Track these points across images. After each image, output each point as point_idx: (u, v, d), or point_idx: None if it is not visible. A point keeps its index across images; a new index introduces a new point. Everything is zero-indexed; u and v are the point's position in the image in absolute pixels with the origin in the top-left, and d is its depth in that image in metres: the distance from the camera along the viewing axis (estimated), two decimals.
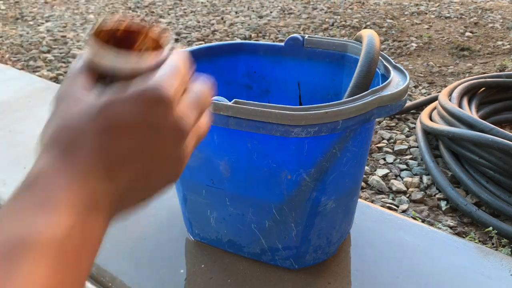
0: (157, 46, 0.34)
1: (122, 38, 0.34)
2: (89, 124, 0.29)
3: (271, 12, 3.24)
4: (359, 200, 0.93)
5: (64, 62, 2.25)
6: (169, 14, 3.20)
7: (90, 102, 0.30)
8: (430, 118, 1.50)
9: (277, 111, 0.59)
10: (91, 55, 0.32)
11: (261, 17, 3.12)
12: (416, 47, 2.46)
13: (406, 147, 1.48)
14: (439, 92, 1.81)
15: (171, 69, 0.32)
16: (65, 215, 0.25)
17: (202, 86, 0.35)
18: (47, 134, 0.30)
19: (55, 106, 0.32)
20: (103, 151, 0.28)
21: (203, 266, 0.82)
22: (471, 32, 2.68)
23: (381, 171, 1.34)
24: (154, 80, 0.30)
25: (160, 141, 0.30)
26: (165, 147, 0.31)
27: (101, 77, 0.32)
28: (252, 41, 1.45)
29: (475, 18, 2.96)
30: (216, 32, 2.75)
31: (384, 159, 1.42)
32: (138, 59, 0.32)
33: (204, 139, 0.72)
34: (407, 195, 1.25)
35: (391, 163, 1.40)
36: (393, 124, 1.65)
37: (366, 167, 1.36)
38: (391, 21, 2.94)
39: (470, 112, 1.42)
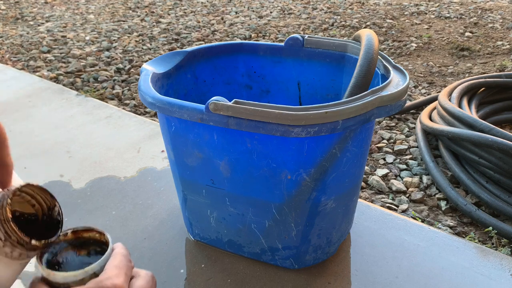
0: (100, 242, 0.43)
1: (72, 241, 0.43)
2: None
3: (271, 12, 3.24)
4: (359, 200, 0.93)
5: (64, 62, 2.25)
6: (169, 14, 3.20)
7: None
8: (430, 118, 1.50)
9: (277, 111, 0.59)
10: (45, 275, 0.39)
11: (261, 17, 3.12)
12: (416, 47, 2.46)
13: (406, 147, 1.48)
14: (439, 92, 1.81)
15: (117, 264, 0.38)
16: None
17: (146, 275, 0.41)
18: None
19: None
20: None
21: (203, 266, 0.82)
22: (471, 32, 2.68)
23: (381, 171, 1.34)
24: (106, 274, 0.37)
25: None
26: None
27: (57, 286, 0.39)
28: (252, 41, 1.45)
29: (475, 18, 2.96)
30: (216, 32, 2.75)
31: (384, 159, 1.42)
32: (85, 270, 0.38)
33: (204, 139, 0.72)
34: (407, 195, 1.25)
35: (391, 163, 1.40)
36: (393, 124, 1.65)
37: (366, 167, 1.36)
38: (391, 21, 2.94)
39: (470, 112, 1.42)
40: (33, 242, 0.40)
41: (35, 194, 0.43)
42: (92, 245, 0.43)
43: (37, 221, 0.44)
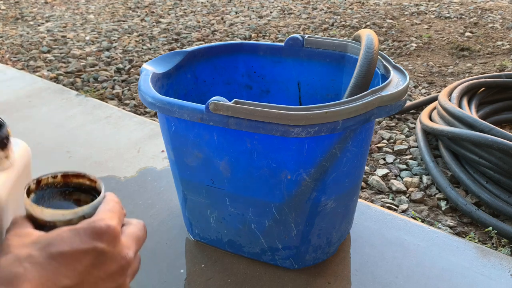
0: (92, 190, 0.40)
1: (62, 185, 0.40)
2: (39, 252, 0.30)
3: (271, 12, 3.24)
4: (359, 200, 0.93)
5: (64, 62, 2.25)
6: (169, 14, 3.20)
7: (40, 234, 0.32)
8: (430, 118, 1.50)
9: (277, 111, 0.59)
10: (30, 211, 0.36)
11: (261, 17, 3.12)
12: (416, 47, 2.46)
13: (406, 147, 1.48)
14: (439, 92, 1.81)
15: (110, 208, 0.35)
16: None
17: (138, 223, 0.39)
18: None
19: (2, 245, 0.32)
20: (50, 283, 0.29)
21: (203, 266, 0.82)
22: (471, 32, 2.68)
23: (381, 171, 1.34)
24: (98, 215, 0.34)
25: (106, 269, 0.32)
26: (110, 276, 0.33)
27: (41, 226, 0.36)
28: (252, 41, 1.45)
29: (475, 18, 2.96)
30: (216, 32, 2.75)
31: (384, 159, 1.42)
32: (75, 210, 0.36)
33: (204, 139, 0.72)
34: (407, 195, 1.25)
35: (391, 163, 1.40)
36: (393, 124, 1.65)
37: (366, 167, 1.36)
38: (391, 21, 2.94)
39: (470, 112, 1.42)
40: None
41: None
42: (82, 192, 0.41)
43: None
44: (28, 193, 0.38)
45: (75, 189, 0.41)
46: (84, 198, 0.41)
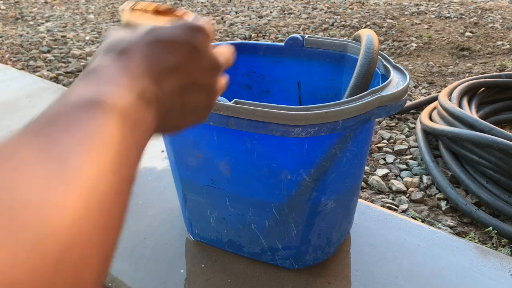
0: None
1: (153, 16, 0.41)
2: (140, 38, 0.33)
3: (271, 12, 3.24)
4: (359, 200, 0.93)
5: (64, 62, 2.25)
6: None
7: (140, 28, 0.35)
8: (430, 118, 1.50)
9: (277, 111, 0.59)
10: (127, 20, 0.38)
11: (261, 17, 3.12)
12: (416, 47, 2.46)
13: (406, 147, 1.48)
14: (439, 92, 1.81)
15: (202, 19, 0.37)
16: (125, 92, 0.28)
17: (227, 46, 0.41)
18: (102, 46, 0.33)
19: (107, 35, 0.35)
20: (153, 59, 0.32)
21: (203, 266, 0.82)
22: (471, 32, 2.68)
23: (381, 171, 1.34)
24: (193, 18, 0.36)
25: (200, 65, 0.35)
26: (203, 73, 0.36)
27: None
28: (252, 41, 1.45)
29: (475, 18, 2.96)
30: (216, 32, 2.75)
31: (384, 159, 1.42)
32: (171, 20, 0.37)
33: (204, 139, 0.72)
34: (407, 195, 1.25)
35: (391, 163, 1.40)
36: (393, 124, 1.65)
37: (366, 167, 1.36)
38: (391, 21, 2.94)
39: (470, 112, 1.42)
40: None
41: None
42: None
43: None
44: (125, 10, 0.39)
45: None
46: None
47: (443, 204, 1.20)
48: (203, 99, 0.37)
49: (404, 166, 1.38)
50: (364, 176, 1.31)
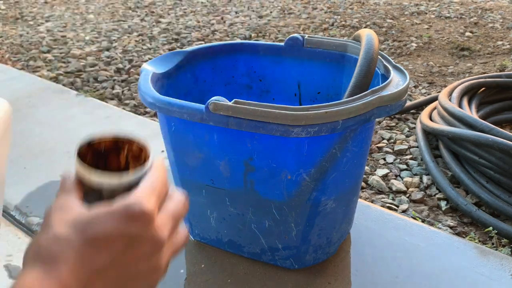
0: (139, 155, 0.40)
1: (109, 149, 0.40)
2: (75, 235, 0.32)
3: (271, 12, 3.24)
4: (359, 200, 0.93)
5: (64, 62, 2.25)
6: (169, 14, 3.20)
7: (80, 211, 0.34)
8: (430, 118, 1.50)
9: (277, 111, 0.59)
10: (79, 173, 0.37)
11: (261, 17, 3.12)
12: (416, 47, 2.46)
13: (406, 147, 1.48)
14: (439, 92, 1.81)
15: (151, 185, 0.36)
16: None
17: (178, 198, 0.39)
18: (33, 248, 0.33)
19: (46, 217, 0.35)
20: (84, 263, 0.32)
21: (203, 266, 0.82)
22: (471, 32, 2.68)
23: (381, 171, 1.34)
24: (136, 196, 0.34)
25: (139, 251, 0.34)
26: (143, 257, 0.34)
27: (88, 191, 0.37)
28: (252, 41, 1.45)
29: (475, 18, 2.96)
30: (216, 32, 2.75)
31: (384, 159, 1.42)
32: (121, 176, 0.36)
33: (204, 139, 0.72)
34: (407, 195, 1.25)
35: (391, 163, 1.39)
36: (393, 124, 1.65)
37: (366, 167, 1.36)
38: (391, 21, 2.94)
39: (470, 112, 1.42)
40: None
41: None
42: (132, 155, 0.41)
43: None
44: (79, 154, 0.38)
45: (124, 153, 0.41)
46: (133, 163, 0.41)
47: (443, 204, 1.20)
48: (145, 282, 0.35)
49: (404, 166, 1.38)
50: (364, 176, 1.31)
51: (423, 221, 1.13)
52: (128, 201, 0.34)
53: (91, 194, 0.37)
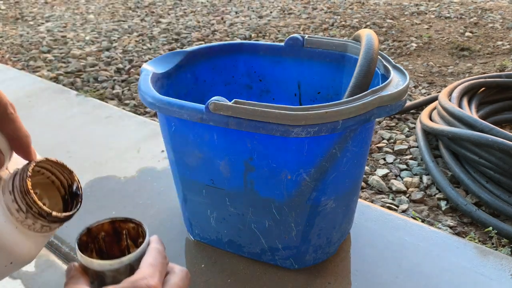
0: (137, 234, 0.43)
1: (107, 231, 0.43)
2: None
3: (271, 12, 3.24)
4: (359, 200, 0.93)
5: (64, 62, 2.25)
6: (169, 14, 3.20)
7: None
8: (430, 118, 1.50)
9: (277, 111, 0.59)
10: (83, 262, 0.40)
11: (261, 17, 3.12)
12: (416, 47, 2.46)
13: (406, 147, 1.48)
14: (439, 92, 1.81)
15: (153, 261, 0.38)
16: None
17: (181, 273, 0.41)
18: None
19: None
20: None
21: (203, 266, 0.82)
22: (471, 32, 2.68)
23: (381, 171, 1.34)
24: (141, 273, 0.37)
25: None
26: None
27: (94, 276, 0.39)
28: (252, 41, 1.45)
29: (475, 18, 2.96)
30: (216, 32, 2.75)
31: (384, 159, 1.42)
32: (121, 260, 0.39)
33: (204, 139, 0.72)
34: (407, 195, 1.25)
35: (391, 163, 1.40)
36: (393, 124, 1.65)
37: (366, 167, 1.36)
38: (391, 21, 2.94)
39: (470, 112, 1.43)
40: (54, 213, 0.41)
41: (54, 169, 0.45)
42: (129, 235, 0.44)
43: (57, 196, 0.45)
44: (80, 243, 0.41)
45: (123, 234, 0.44)
46: (131, 243, 0.44)
47: (443, 204, 1.20)
48: None
49: (404, 166, 1.38)
50: (364, 176, 1.31)
51: (423, 221, 1.13)
52: (135, 278, 0.36)
53: (96, 278, 0.39)
